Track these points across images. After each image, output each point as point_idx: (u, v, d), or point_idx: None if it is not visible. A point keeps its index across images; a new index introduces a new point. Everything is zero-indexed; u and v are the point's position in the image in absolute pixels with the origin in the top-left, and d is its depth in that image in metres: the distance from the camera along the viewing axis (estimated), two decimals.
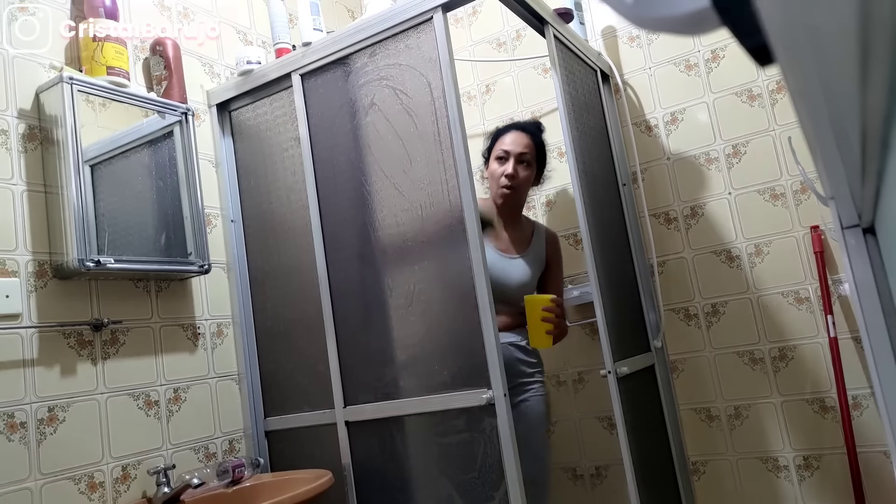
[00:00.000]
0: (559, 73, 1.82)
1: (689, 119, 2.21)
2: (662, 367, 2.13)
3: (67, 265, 1.51)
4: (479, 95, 2.59)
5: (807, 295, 2.03)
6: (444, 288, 1.62)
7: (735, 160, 2.14)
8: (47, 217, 1.56)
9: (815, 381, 2.01)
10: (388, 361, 1.69)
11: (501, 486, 1.50)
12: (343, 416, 1.73)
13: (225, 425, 1.86)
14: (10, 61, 1.57)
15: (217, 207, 1.98)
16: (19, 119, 1.56)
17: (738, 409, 2.11)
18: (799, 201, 2.04)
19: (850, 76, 0.33)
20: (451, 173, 1.60)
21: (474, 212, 1.56)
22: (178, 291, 1.81)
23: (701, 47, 2.20)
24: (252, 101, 1.98)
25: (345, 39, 1.77)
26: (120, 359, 1.64)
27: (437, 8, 1.63)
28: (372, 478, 1.70)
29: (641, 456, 1.81)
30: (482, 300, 1.54)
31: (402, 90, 1.69)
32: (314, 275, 1.80)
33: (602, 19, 2.37)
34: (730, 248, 2.14)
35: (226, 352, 1.91)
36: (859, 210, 0.80)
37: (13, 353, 1.45)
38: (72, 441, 1.51)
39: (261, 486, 1.67)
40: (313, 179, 1.82)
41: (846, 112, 0.39)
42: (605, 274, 1.85)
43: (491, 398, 1.51)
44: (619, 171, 2.19)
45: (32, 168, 1.56)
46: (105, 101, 1.65)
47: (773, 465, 2.06)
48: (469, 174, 1.57)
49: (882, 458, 1.90)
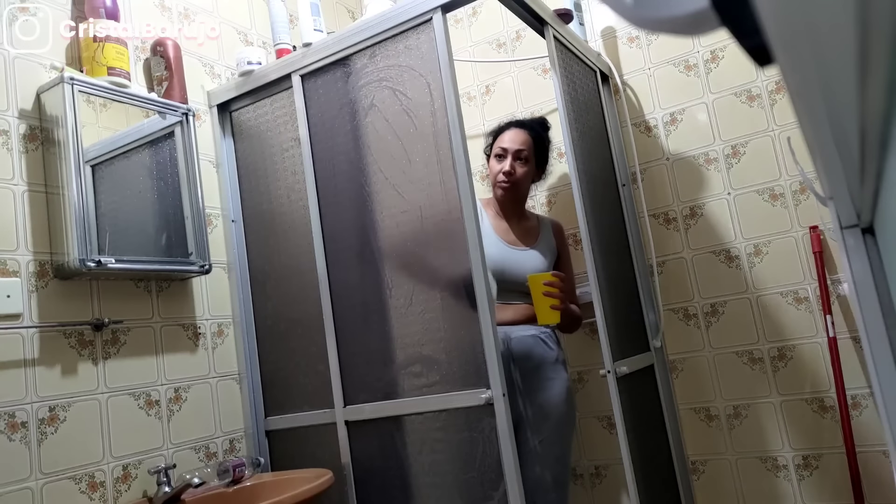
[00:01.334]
0: (559, 74, 1.82)
1: (689, 119, 2.22)
2: (662, 366, 2.13)
3: (68, 265, 1.51)
4: (479, 96, 2.59)
5: (806, 295, 2.03)
6: (443, 287, 1.63)
7: (734, 160, 2.14)
8: (48, 217, 1.56)
9: (814, 380, 2.01)
10: (388, 361, 1.69)
11: (500, 486, 1.51)
12: (343, 415, 1.74)
13: (225, 425, 1.86)
14: (11, 62, 1.57)
15: (217, 207, 1.98)
16: (20, 119, 1.56)
17: (738, 409, 2.12)
18: (798, 201, 2.05)
19: (848, 76, 0.33)
20: (449, 174, 1.61)
21: (473, 212, 1.57)
22: (178, 291, 1.82)
23: (700, 48, 2.20)
24: (253, 102, 1.99)
25: (345, 41, 1.77)
26: (121, 358, 1.64)
27: (437, 9, 1.64)
28: (372, 477, 1.70)
29: (641, 455, 1.81)
30: (481, 299, 1.54)
31: (402, 91, 1.70)
32: (314, 275, 1.80)
33: (602, 20, 2.37)
34: (729, 248, 2.14)
35: (226, 351, 1.92)
36: (858, 210, 0.80)
37: (14, 352, 1.45)
38: (73, 441, 1.51)
39: (261, 485, 1.68)
40: (313, 180, 1.82)
41: (845, 112, 0.40)
42: (604, 274, 1.85)
43: (490, 398, 1.52)
44: (619, 172, 2.20)
45: (33, 168, 1.56)
46: (106, 102, 1.65)
47: (772, 465, 2.07)
48: (468, 175, 1.58)
49: (881, 457, 1.91)
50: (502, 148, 2.01)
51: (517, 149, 1.99)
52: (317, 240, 1.80)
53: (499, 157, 2.02)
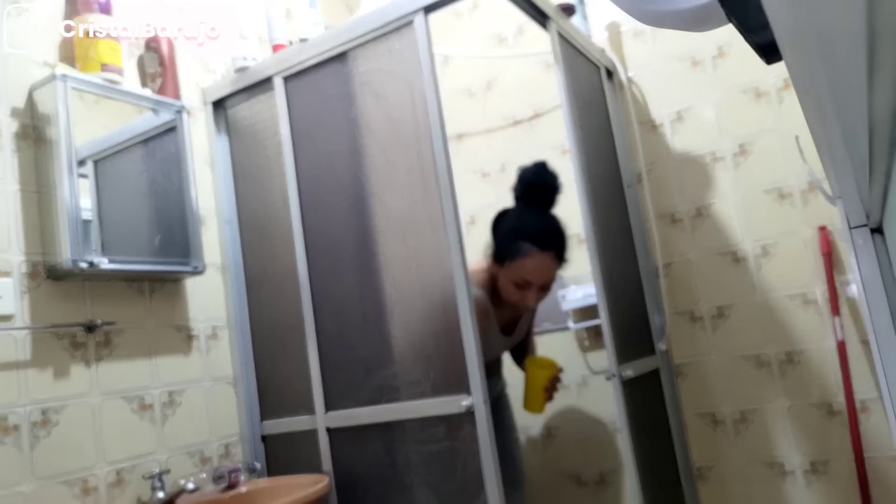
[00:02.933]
0: (562, 70, 1.79)
1: (695, 117, 2.18)
2: (667, 370, 2.10)
3: (61, 266, 1.50)
4: (480, 92, 2.56)
5: (814, 297, 1.99)
6: (424, 293, 1.61)
7: (742, 159, 2.11)
8: (40, 217, 1.54)
9: (822, 385, 1.98)
10: (369, 367, 1.68)
11: (481, 496, 1.49)
12: (324, 422, 1.73)
13: (220, 429, 1.84)
14: (3, 59, 1.55)
15: (212, 207, 1.96)
16: (12, 117, 1.54)
17: (744, 414, 2.08)
18: (806, 201, 2.01)
19: (857, 73, 0.32)
20: (431, 181, 1.59)
21: (454, 217, 1.54)
22: (172, 293, 1.79)
23: (707, 43, 2.16)
24: (248, 99, 1.96)
25: (325, 42, 1.75)
26: (114, 361, 1.62)
27: (419, 11, 1.60)
28: (354, 485, 1.69)
29: (646, 461, 1.78)
30: (462, 306, 1.52)
31: (383, 94, 1.68)
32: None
33: (606, 14, 2.33)
34: (736, 250, 2.11)
35: (221, 354, 1.89)
36: (867, 210, 0.79)
37: (6, 354, 1.44)
38: (66, 445, 1.49)
39: (256, 491, 1.66)
40: (295, 182, 1.80)
41: (854, 109, 0.38)
42: (608, 276, 1.82)
43: (471, 405, 1.50)
44: (624, 170, 2.17)
45: (26, 167, 1.54)
46: (99, 99, 1.63)
47: (779, 471, 2.03)
48: (450, 181, 1.56)
49: (890, 463, 1.87)
50: (525, 280, 1.75)
51: (544, 282, 1.78)
52: (298, 244, 1.79)
53: (519, 287, 1.76)
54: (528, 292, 1.76)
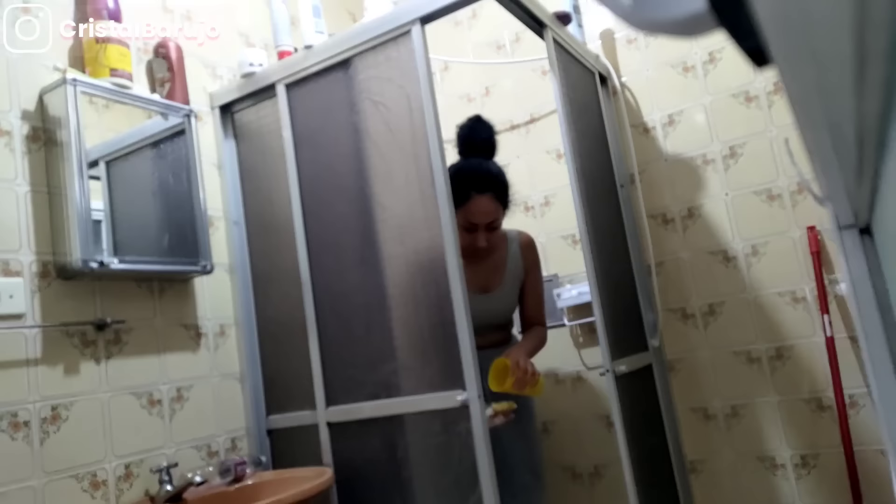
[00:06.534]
0: (558, 76, 1.84)
1: (687, 121, 2.23)
2: (660, 366, 2.14)
3: (71, 265, 1.52)
4: (478, 97, 2.61)
5: (803, 295, 2.04)
6: (421, 292, 1.65)
7: (732, 161, 2.16)
8: (51, 218, 1.56)
9: (811, 380, 2.03)
10: (369, 363, 1.72)
11: (477, 489, 1.52)
12: (325, 416, 1.76)
13: (227, 424, 1.87)
14: (14, 63, 1.57)
15: (220, 209, 1.99)
16: (23, 120, 1.56)
17: (736, 409, 2.13)
18: (795, 202, 2.06)
19: (846, 76, 0.33)
20: (427, 185, 1.63)
21: (450, 216, 1.59)
22: (180, 292, 1.82)
23: (698, 49, 2.22)
24: (254, 103, 2.00)
25: (327, 50, 1.80)
26: (123, 358, 1.65)
27: (416, 21, 1.65)
28: (354, 478, 1.72)
29: (640, 455, 1.82)
30: (457, 301, 1.56)
31: (382, 102, 1.72)
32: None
33: (600, 22, 2.38)
34: (726, 249, 2.16)
35: (228, 351, 1.92)
36: (856, 210, 0.80)
37: (17, 352, 1.46)
38: (75, 440, 1.51)
39: (262, 483, 1.69)
40: (297, 185, 1.85)
41: (842, 112, 0.40)
42: (603, 274, 1.86)
43: (465, 400, 1.53)
44: (617, 173, 2.21)
45: (36, 169, 1.56)
46: (108, 103, 1.66)
47: (770, 464, 2.08)
48: (445, 184, 1.60)
49: (879, 456, 1.92)
50: (471, 224, 1.85)
51: (489, 221, 1.86)
52: (300, 245, 1.83)
53: (468, 230, 1.85)
54: (477, 234, 1.86)
